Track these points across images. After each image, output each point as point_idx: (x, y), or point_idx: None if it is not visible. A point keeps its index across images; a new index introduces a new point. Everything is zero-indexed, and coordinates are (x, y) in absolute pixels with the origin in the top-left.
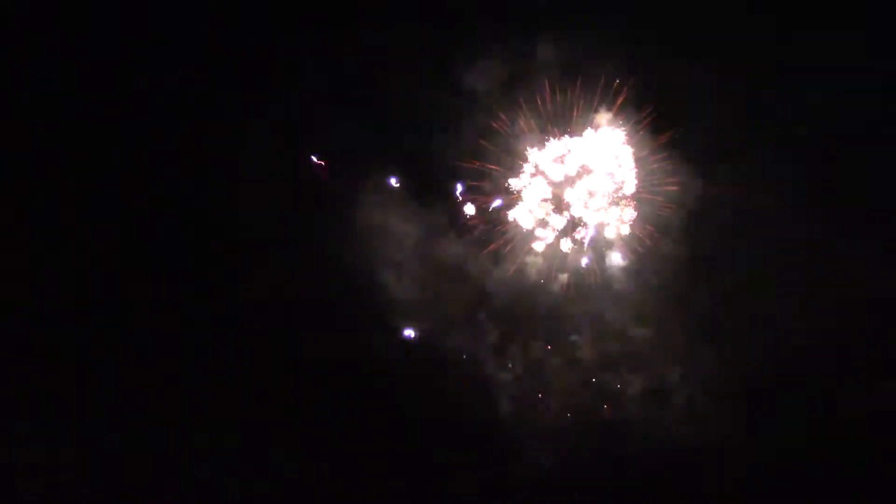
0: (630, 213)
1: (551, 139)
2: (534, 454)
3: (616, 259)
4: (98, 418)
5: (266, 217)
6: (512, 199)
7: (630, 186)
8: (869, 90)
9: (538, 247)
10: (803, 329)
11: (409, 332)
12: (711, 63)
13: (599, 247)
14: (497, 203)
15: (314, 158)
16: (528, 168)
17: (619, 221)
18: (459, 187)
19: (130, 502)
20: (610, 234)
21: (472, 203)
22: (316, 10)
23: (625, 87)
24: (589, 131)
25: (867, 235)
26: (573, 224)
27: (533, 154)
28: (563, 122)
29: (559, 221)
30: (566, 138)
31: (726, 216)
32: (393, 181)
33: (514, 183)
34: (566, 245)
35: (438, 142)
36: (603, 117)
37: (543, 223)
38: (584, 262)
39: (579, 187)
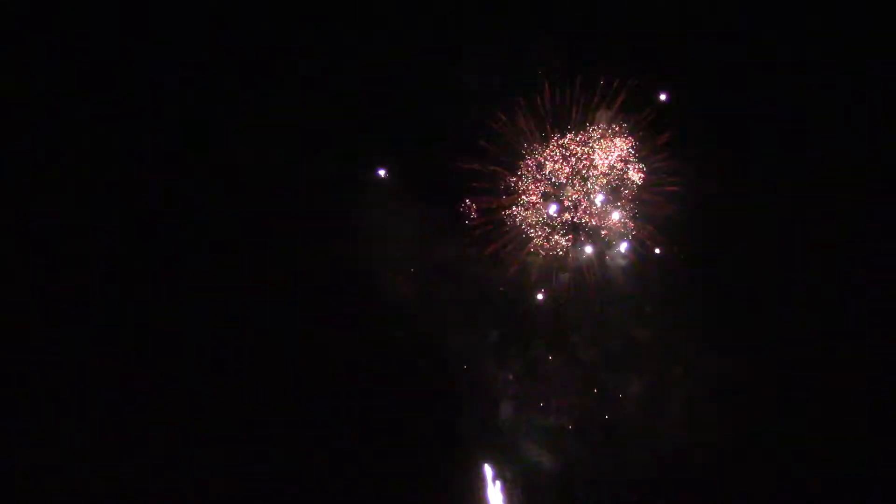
0: (630, 213)
1: (551, 139)
2: (534, 454)
3: (616, 259)
4: (98, 418)
5: (266, 217)
6: (512, 198)
7: (630, 186)
8: (870, 90)
9: (538, 247)
10: (803, 329)
11: (408, 332)
12: (712, 62)
13: (600, 247)
14: (497, 203)
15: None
16: (527, 168)
17: (619, 221)
18: (459, 187)
19: (130, 502)
20: (610, 234)
21: (472, 203)
22: (316, 10)
23: (624, 87)
24: (589, 131)
25: (868, 235)
26: (573, 224)
27: (533, 154)
28: (563, 121)
29: (559, 221)
30: (566, 138)
31: (727, 216)
32: (387, 175)
33: (514, 183)
34: (566, 245)
35: (438, 142)
36: (603, 117)
37: (544, 223)
38: (584, 261)
39: (579, 187)
